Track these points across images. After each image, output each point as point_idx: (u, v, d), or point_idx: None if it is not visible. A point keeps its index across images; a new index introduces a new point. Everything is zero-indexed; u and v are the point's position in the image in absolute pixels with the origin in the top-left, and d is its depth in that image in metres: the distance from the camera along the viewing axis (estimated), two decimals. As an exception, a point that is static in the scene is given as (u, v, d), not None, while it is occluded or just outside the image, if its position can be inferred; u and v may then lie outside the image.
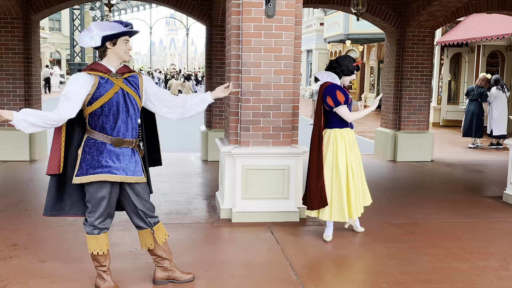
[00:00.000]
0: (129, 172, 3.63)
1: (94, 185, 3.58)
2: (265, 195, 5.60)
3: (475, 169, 9.41)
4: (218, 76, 9.44)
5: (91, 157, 3.56)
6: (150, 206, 3.81)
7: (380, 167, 9.44)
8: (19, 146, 9.08)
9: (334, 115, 4.91)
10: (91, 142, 3.59)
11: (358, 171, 4.96)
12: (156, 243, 3.86)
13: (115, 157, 3.59)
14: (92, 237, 3.68)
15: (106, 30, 3.54)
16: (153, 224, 3.83)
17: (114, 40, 3.58)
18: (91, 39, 3.54)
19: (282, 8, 5.43)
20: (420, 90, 9.86)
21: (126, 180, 3.62)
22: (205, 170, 8.89)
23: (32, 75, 9.20)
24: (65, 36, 47.26)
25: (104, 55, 3.62)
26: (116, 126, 3.59)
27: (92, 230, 3.68)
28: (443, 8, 9.03)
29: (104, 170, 3.55)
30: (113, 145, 3.59)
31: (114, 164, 3.57)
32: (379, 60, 24.17)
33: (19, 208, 6.09)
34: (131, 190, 3.71)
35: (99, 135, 3.58)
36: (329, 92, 4.84)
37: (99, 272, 3.80)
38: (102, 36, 3.53)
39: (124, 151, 3.63)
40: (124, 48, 3.63)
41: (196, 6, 9.40)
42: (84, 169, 3.56)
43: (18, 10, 8.72)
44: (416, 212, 6.21)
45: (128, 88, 3.65)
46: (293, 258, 4.59)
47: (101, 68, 3.61)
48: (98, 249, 3.69)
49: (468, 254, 4.76)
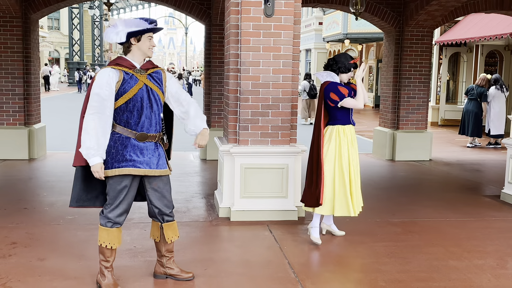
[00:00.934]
0: (152, 165, 3.70)
1: (116, 178, 3.65)
2: (264, 194, 5.62)
3: (473, 168, 9.44)
4: (217, 75, 9.45)
5: (116, 151, 3.64)
6: (168, 203, 3.86)
7: (379, 166, 9.46)
8: (18, 144, 9.09)
9: (337, 112, 4.90)
10: (116, 137, 3.66)
11: (357, 169, 4.97)
12: (163, 239, 3.90)
13: (138, 151, 3.66)
14: (104, 229, 3.74)
15: (131, 27, 3.62)
16: (165, 221, 3.87)
17: (139, 36, 3.65)
18: (116, 35, 3.62)
19: (281, 8, 5.45)
20: (419, 89, 9.88)
21: (149, 173, 3.69)
22: (203, 169, 8.91)
23: (31, 74, 9.21)
24: (63, 35, 47.22)
25: (128, 50, 3.70)
26: (140, 122, 3.67)
27: (106, 222, 3.73)
28: (442, 7, 9.05)
29: (129, 164, 3.63)
30: (137, 140, 3.67)
31: (138, 158, 3.65)
32: (378, 60, 24.20)
33: (18, 206, 6.10)
34: (149, 185, 3.77)
35: (123, 129, 3.66)
36: (331, 88, 4.86)
37: (101, 268, 3.84)
38: (127, 32, 3.61)
39: (147, 145, 3.70)
40: (148, 45, 3.69)
41: (195, 5, 9.41)
42: (110, 162, 3.63)
43: (17, 9, 8.72)
44: (414, 211, 6.23)
45: (151, 84, 3.72)
46: (292, 257, 4.61)
47: (125, 63, 3.67)
48: (108, 242, 3.73)
49: (465, 252, 4.79)
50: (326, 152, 4.91)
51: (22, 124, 9.16)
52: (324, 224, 5.25)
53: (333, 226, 5.27)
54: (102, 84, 3.58)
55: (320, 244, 4.91)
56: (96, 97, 3.57)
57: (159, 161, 3.74)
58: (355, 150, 4.96)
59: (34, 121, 9.37)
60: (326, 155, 4.90)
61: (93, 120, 3.56)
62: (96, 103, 3.57)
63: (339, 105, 4.85)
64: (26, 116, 9.20)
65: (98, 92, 3.57)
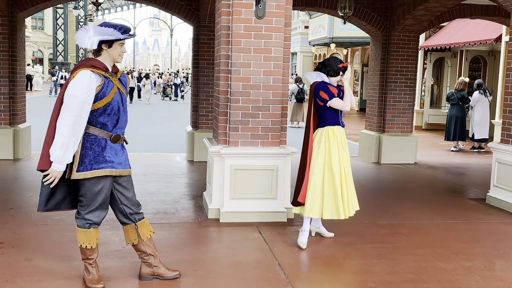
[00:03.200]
0: (125, 165, 3.78)
1: (93, 179, 3.66)
2: (253, 195, 5.63)
3: (458, 172, 9.55)
4: (205, 76, 9.45)
5: (93, 152, 3.65)
6: (136, 201, 3.90)
7: (365, 169, 9.53)
8: (2, 144, 8.98)
9: (327, 112, 4.90)
10: (91, 138, 3.67)
11: (349, 170, 4.97)
12: (140, 239, 3.92)
13: (114, 152, 3.72)
14: (82, 231, 3.75)
15: (103, 35, 3.61)
16: (138, 220, 3.90)
17: (110, 43, 3.66)
18: (88, 40, 3.61)
19: (272, 10, 5.47)
20: (405, 93, 9.98)
21: (122, 173, 3.76)
22: (191, 170, 8.89)
23: (17, 73, 9.11)
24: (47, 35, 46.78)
25: (99, 54, 3.70)
26: (117, 124, 3.74)
27: (84, 223, 3.75)
28: (428, 12, 9.15)
29: (108, 165, 3.68)
30: (112, 141, 3.71)
31: (115, 159, 3.72)
32: (363, 64, 24.37)
33: (4, 206, 6.02)
34: (118, 184, 3.81)
35: (99, 131, 3.67)
36: (321, 87, 4.86)
37: (85, 265, 3.89)
38: (99, 41, 3.61)
39: (119, 146, 3.78)
40: (119, 51, 3.72)
41: (183, 6, 9.40)
42: (87, 164, 3.63)
43: (3, 7, 8.63)
44: (401, 213, 6.28)
45: (122, 87, 3.80)
46: (282, 258, 4.62)
47: (101, 66, 3.67)
48: (87, 242, 3.77)
49: (453, 254, 4.84)
50: (316, 155, 4.90)
51: (7, 123, 9.05)
52: (313, 226, 5.26)
53: (322, 228, 5.28)
54: (83, 87, 3.54)
55: (304, 248, 4.87)
56: (75, 99, 3.52)
57: (126, 161, 3.82)
58: (346, 152, 4.96)
59: (19, 121, 9.27)
60: (316, 158, 4.88)
61: (70, 124, 3.50)
62: (75, 105, 3.51)
63: (327, 104, 4.86)
64: (11, 115, 9.10)
65: (77, 95, 3.52)
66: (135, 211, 3.88)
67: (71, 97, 3.53)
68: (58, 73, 31.44)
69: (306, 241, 4.93)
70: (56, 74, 31.36)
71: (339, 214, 4.85)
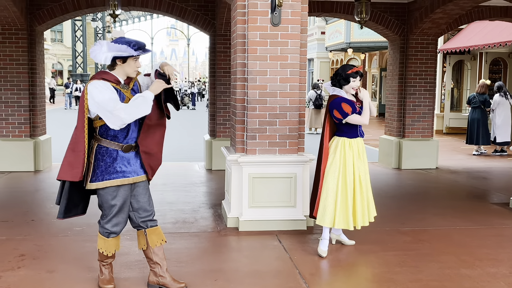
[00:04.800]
0: (139, 172, 3.85)
1: (107, 189, 3.76)
2: (272, 203, 5.59)
3: (480, 176, 9.39)
4: (222, 85, 9.45)
5: (105, 163, 3.74)
6: (150, 208, 3.93)
7: (385, 174, 9.42)
8: (23, 156, 9.08)
9: (343, 126, 4.85)
10: (103, 150, 3.75)
11: (365, 180, 4.90)
12: (148, 245, 3.96)
13: (126, 162, 3.79)
14: (102, 238, 3.91)
15: (116, 52, 3.66)
16: (148, 226, 3.96)
17: (124, 58, 3.71)
18: (102, 55, 3.67)
19: (287, 17, 5.45)
20: (424, 97, 9.86)
21: (137, 180, 3.84)
22: (209, 179, 8.88)
23: (37, 86, 9.22)
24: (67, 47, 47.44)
25: (113, 68, 3.76)
26: (128, 135, 3.79)
27: (103, 231, 3.89)
28: (446, 15, 9.05)
29: (119, 175, 3.76)
30: (124, 151, 3.77)
31: (127, 169, 3.79)
32: (381, 68, 24.21)
33: (25, 218, 6.07)
34: (131, 192, 3.88)
35: (110, 143, 3.75)
36: (335, 105, 4.78)
37: (100, 265, 4.04)
38: (113, 57, 3.67)
39: (131, 155, 3.83)
40: (133, 67, 3.78)
41: (199, 15, 9.43)
42: (99, 175, 3.73)
43: (22, 21, 8.75)
44: (423, 220, 6.19)
45: None
46: (302, 266, 4.57)
47: (112, 79, 3.74)
48: (104, 249, 3.91)
49: (477, 261, 4.74)
50: (330, 164, 4.84)
51: (28, 136, 9.16)
52: (333, 234, 5.21)
53: (342, 235, 5.22)
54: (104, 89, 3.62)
55: (324, 257, 4.82)
56: (108, 101, 3.58)
57: (141, 167, 3.87)
58: (363, 162, 4.87)
59: (39, 133, 9.37)
60: (331, 166, 4.82)
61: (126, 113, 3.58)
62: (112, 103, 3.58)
63: (343, 122, 4.83)
64: (31, 128, 9.21)
65: (110, 97, 3.58)
66: (146, 218, 3.93)
67: (106, 101, 3.58)
68: (72, 85, 31.33)
69: (326, 249, 4.88)
70: (70, 86, 31.21)
71: (349, 225, 4.79)
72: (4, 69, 8.92)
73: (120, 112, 3.57)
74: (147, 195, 3.93)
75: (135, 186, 3.86)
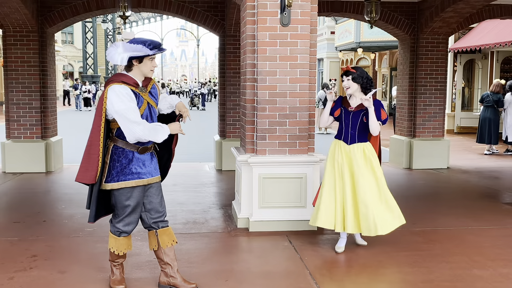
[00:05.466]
0: (153, 173, 3.88)
1: (121, 190, 3.78)
2: (282, 204, 5.58)
3: (492, 176, 9.32)
4: (232, 85, 9.46)
5: (120, 164, 3.76)
6: (161, 209, 3.95)
7: (396, 174, 9.38)
8: (35, 157, 9.14)
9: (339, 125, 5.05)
10: (119, 151, 3.77)
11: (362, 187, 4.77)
12: (159, 246, 3.97)
13: (141, 163, 3.81)
14: (113, 237, 3.93)
15: (132, 52, 3.68)
16: (160, 227, 3.97)
17: (141, 58, 3.73)
18: (118, 56, 3.69)
19: (297, 17, 5.44)
20: (435, 97, 9.81)
21: (151, 181, 3.86)
22: (219, 179, 8.89)
23: (48, 88, 9.28)
24: (77, 48, 47.71)
25: (130, 69, 3.78)
26: None
27: (114, 231, 3.91)
28: (457, 14, 8.99)
29: (134, 176, 3.77)
30: (140, 153, 3.79)
31: (142, 170, 3.80)
32: (391, 68, 24.10)
33: (37, 219, 6.11)
34: (146, 191, 3.89)
35: (127, 144, 3.77)
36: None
37: (111, 266, 4.05)
38: (129, 57, 3.70)
39: (147, 156, 3.85)
40: (149, 66, 3.80)
41: (209, 16, 9.45)
42: (114, 175, 3.76)
43: (33, 23, 8.82)
44: (434, 220, 6.15)
45: (152, 101, 3.87)
46: (313, 267, 4.56)
47: (131, 82, 3.75)
48: (116, 248, 3.93)
49: (489, 261, 4.70)
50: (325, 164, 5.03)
51: (39, 137, 9.22)
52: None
53: (357, 235, 5.21)
54: (125, 97, 3.65)
55: (340, 252, 4.90)
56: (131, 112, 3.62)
57: (156, 169, 3.91)
58: (361, 169, 4.79)
59: (51, 134, 9.44)
60: (325, 171, 4.99)
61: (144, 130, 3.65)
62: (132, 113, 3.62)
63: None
64: (43, 129, 9.27)
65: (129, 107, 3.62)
66: (157, 218, 3.95)
67: (126, 110, 3.61)
68: (81, 86, 31.18)
69: (342, 246, 4.97)
70: (79, 88, 31.02)
71: (331, 225, 4.87)
72: (16, 71, 8.99)
73: (137, 129, 3.63)
74: (160, 196, 3.95)
75: (148, 186, 3.88)
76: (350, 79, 4.83)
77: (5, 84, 9.16)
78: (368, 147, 4.90)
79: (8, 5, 8.15)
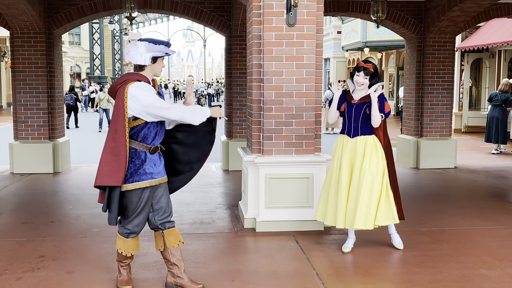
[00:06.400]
0: (163, 173, 3.91)
1: (134, 191, 3.79)
2: (289, 204, 5.58)
3: (500, 175, 9.27)
4: (238, 85, 9.47)
5: (134, 165, 3.77)
6: (168, 209, 3.96)
7: (403, 174, 9.34)
8: (42, 158, 9.19)
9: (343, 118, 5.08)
10: (131, 152, 3.78)
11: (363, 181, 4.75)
12: (166, 247, 3.98)
13: (153, 163, 3.83)
14: (121, 238, 3.93)
15: (154, 52, 3.74)
16: (166, 227, 3.98)
17: (155, 58, 3.78)
18: (140, 56, 3.73)
19: (303, 17, 5.43)
20: (442, 96, 9.77)
21: (162, 181, 3.89)
22: (226, 179, 8.90)
23: (55, 88, 9.33)
24: (84, 50, 47.82)
25: (142, 69, 3.81)
26: (156, 137, 3.84)
27: (123, 232, 3.91)
28: (464, 13, 8.95)
29: (148, 177, 3.80)
30: (151, 153, 3.81)
31: (154, 170, 3.83)
32: (398, 67, 24.04)
33: (45, 220, 6.14)
34: (154, 192, 3.91)
35: (139, 144, 3.78)
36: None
37: (118, 266, 4.06)
38: (152, 57, 3.75)
39: (156, 156, 3.87)
40: (161, 66, 3.88)
41: (215, 17, 9.46)
42: (128, 177, 3.76)
43: (41, 24, 8.86)
44: (442, 220, 6.13)
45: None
46: (320, 267, 4.56)
47: (145, 81, 3.80)
48: (123, 249, 3.93)
49: (497, 261, 4.68)
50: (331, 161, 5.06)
51: (47, 138, 9.26)
52: None
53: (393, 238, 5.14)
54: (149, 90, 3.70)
55: (346, 252, 4.91)
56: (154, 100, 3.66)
57: (164, 169, 3.94)
58: (361, 161, 4.79)
59: (58, 135, 9.48)
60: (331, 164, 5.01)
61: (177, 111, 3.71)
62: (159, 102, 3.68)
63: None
64: (50, 130, 9.31)
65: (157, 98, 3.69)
66: (164, 219, 3.96)
67: (155, 101, 3.66)
68: (88, 87, 30.96)
69: (349, 246, 4.98)
70: (86, 88, 30.77)
71: (331, 220, 4.93)
72: (23, 72, 9.04)
73: (173, 112, 3.69)
74: (167, 197, 3.97)
75: (157, 187, 3.89)
76: (368, 77, 4.83)
77: (12, 85, 9.21)
78: (371, 140, 4.89)
79: (16, 7, 8.20)
